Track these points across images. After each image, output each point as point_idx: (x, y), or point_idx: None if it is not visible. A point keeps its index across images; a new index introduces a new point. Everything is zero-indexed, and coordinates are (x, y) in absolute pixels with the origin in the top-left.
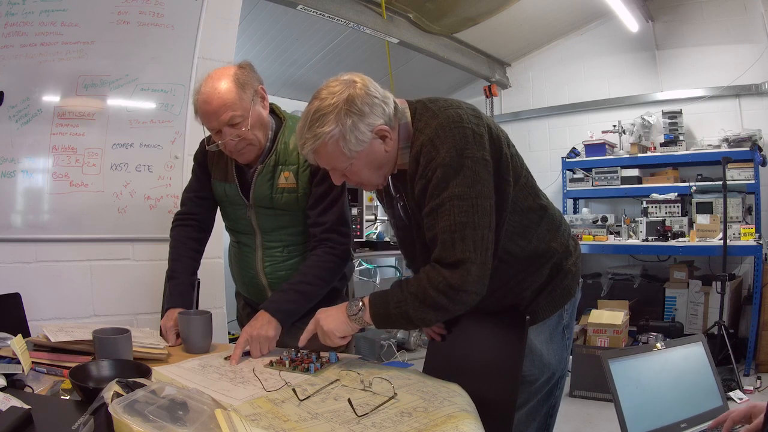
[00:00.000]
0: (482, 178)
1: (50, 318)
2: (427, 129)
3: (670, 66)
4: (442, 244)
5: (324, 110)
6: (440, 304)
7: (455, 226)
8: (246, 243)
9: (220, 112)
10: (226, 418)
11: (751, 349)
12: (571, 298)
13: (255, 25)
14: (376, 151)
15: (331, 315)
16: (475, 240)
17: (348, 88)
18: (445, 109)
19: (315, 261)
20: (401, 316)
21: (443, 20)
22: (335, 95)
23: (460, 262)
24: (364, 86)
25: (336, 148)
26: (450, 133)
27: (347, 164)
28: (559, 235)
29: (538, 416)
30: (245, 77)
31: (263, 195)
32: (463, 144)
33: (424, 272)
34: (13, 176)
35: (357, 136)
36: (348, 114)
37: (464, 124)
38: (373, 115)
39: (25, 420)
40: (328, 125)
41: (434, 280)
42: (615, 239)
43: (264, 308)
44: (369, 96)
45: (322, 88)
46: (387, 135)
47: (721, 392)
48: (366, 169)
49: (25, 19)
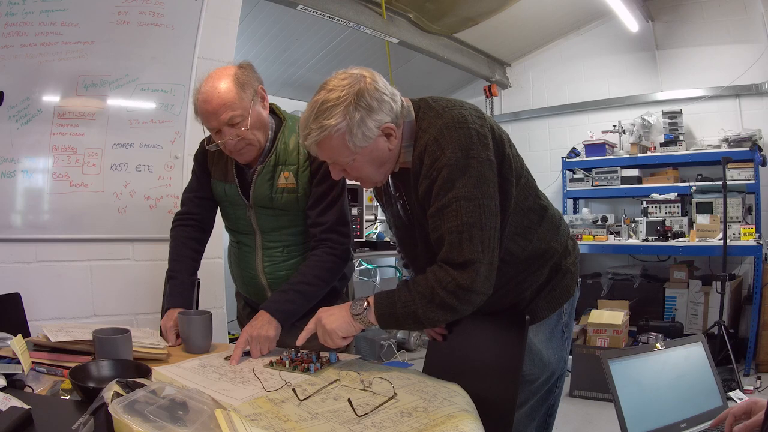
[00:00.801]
0: (487, 178)
1: (50, 318)
2: (431, 128)
3: (670, 66)
4: (449, 245)
5: (332, 102)
6: (449, 304)
7: (462, 226)
8: (246, 243)
9: (220, 111)
10: (226, 418)
11: (751, 349)
12: (570, 297)
13: (255, 25)
14: (380, 148)
15: (334, 314)
16: (483, 240)
17: (358, 82)
18: (449, 109)
19: (315, 261)
20: (409, 317)
21: (443, 20)
22: (344, 88)
23: (468, 263)
24: (374, 81)
25: (341, 142)
26: (455, 134)
27: (350, 159)
28: (558, 235)
29: (537, 415)
30: (245, 77)
31: (263, 195)
32: (468, 144)
33: (432, 272)
34: (13, 176)
35: (364, 131)
36: (357, 108)
37: (469, 125)
38: (381, 112)
39: (25, 420)
40: (335, 118)
41: (443, 280)
42: (615, 239)
43: (264, 308)
44: (378, 92)
45: (330, 79)
46: (392, 133)
47: (721, 392)
48: (368, 165)
49: (25, 19)
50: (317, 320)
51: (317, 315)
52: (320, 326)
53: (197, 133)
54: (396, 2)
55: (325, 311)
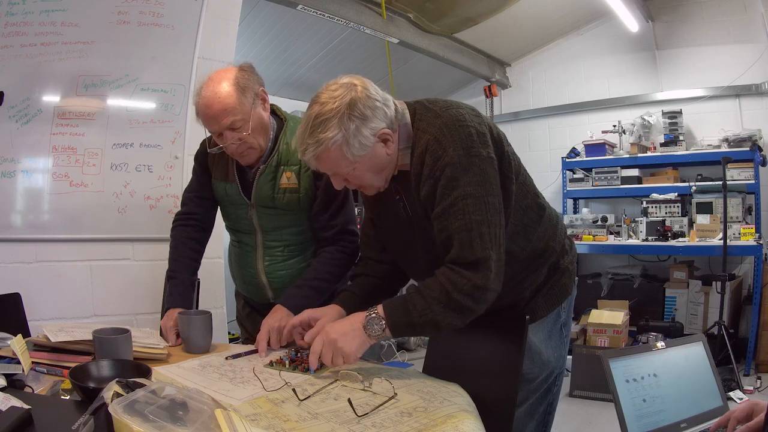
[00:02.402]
0: (490, 175)
1: (50, 318)
2: (430, 128)
3: (670, 66)
4: (459, 244)
5: (326, 115)
6: (466, 306)
7: (471, 224)
8: (246, 242)
9: (221, 116)
10: (226, 418)
11: (751, 349)
12: (569, 296)
13: (255, 25)
14: (378, 154)
15: (348, 334)
16: (491, 237)
17: (349, 92)
18: (446, 109)
19: (327, 258)
20: (427, 325)
21: (443, 20)
22: (336, 99)
23: (480, 261)
24: (365, 89)
25: (339, 154)
26: (456, 132)
27: (350, 169)
28: (557, 234)
29: (536, 414)
30: (246, 80)
31: (265, 195)
32: (469, 143)
33: (444, 276)
34: (13, 176)
35: (360, 140)
36: (351, 118)
37: (467, 123)
38: (375, 119)
39: (25, 420)
40: (330, 130)
41: (458, 283)
42: (615, 239)
43: (282, 303)
44: (370, 99)
45: (321, 92)
46: (389, 138)
47: (721, 392)
48: (368, 173)
49: (25, 19)
50: (327, 340)
51: (328, 335)
52: (334, 348)
53: (197, 133)
54: (396, 2)
55: (334, 330)
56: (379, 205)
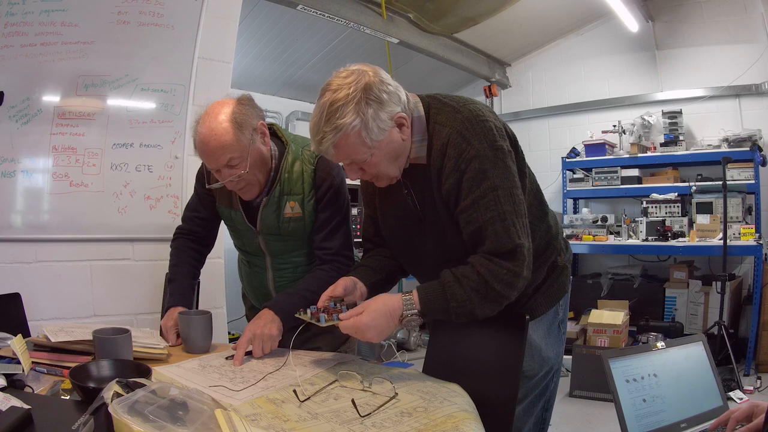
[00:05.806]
0: (511, 169)
1: (50, 318)
2: (451, 122)
3: (670, 66)
4: (494, 235)
5: (341, 101)
6: (504, 295)
7: (504, 214)
8: (256, 264)
9: (218, 154)
10: (226, 418)
11: (751, 349)
12: (566, 293)
13: (255, 25)
14: (395, 139)
15: (379, 319)
16: (523, 226)
17: (362, 77)
18: (464, 104)
19: (321, 274)
20: (463, 315)
21: (443, 20)
22: (350, 85)
23: (517, 248)
24: (377, 74)
25: (358, 139)
26: (478, 127)
27: (367, 155)
28: (557, 233)
29: (535, 411)
30: (243, 115)
31: (270, 224)
32: (492, 137)
33: (482, 266)
34: (13, 176)
35: (379, 124)
36: (368, 103)
37: (486, 118)
38: (391, 103)
39: (25, 420)
40: (348, 116)
41: (497, 273)
42: (615, 239)
43: (268, 306)
44: (384, 83)
45: (332, 80)
46: (404, 123)
47: (721, 392)
48: (384, 160)
49: (25, 19)
50: (368, 313)
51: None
52: (363, 325)
53: None
54: (396, 2)
55: (373, 311)
56: (383, 200)
